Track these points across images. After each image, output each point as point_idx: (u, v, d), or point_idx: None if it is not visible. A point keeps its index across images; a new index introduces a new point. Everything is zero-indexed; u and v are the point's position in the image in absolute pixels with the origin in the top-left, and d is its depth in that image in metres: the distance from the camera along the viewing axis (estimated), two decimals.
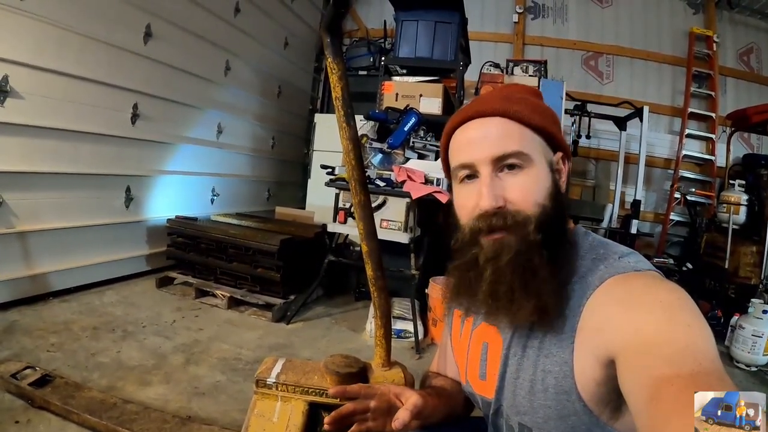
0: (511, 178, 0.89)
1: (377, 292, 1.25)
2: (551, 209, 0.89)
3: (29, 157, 3.26)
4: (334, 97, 1.08)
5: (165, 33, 4.24)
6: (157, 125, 4.32)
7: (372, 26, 7.39)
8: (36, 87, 3.21)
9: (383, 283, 1.26)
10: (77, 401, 2.08)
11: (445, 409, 1.08)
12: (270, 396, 1.18)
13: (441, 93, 3.97)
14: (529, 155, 0.89)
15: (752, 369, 3.66)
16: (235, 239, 3.90)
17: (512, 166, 0.89)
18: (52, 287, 3.48)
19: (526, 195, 0.88)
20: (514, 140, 0.89)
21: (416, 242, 3.56)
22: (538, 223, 0.86)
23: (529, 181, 0.89)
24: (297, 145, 7.28)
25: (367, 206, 1.18)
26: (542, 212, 0.87)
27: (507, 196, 0.88)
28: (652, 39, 6.77)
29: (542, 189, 0.89)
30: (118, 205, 4.06)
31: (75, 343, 2.78)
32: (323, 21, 1.01)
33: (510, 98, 0.93)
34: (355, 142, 1.11)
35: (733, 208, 4.70)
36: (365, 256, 1.22)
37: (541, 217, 0.87)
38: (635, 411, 0.66)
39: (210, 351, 2.95)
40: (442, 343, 1.26)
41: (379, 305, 1.27)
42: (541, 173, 0.90)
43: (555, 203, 0.90)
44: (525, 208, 0.87)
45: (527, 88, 1.05)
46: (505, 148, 0.88)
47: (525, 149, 0.89)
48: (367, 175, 3.37)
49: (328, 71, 1.07)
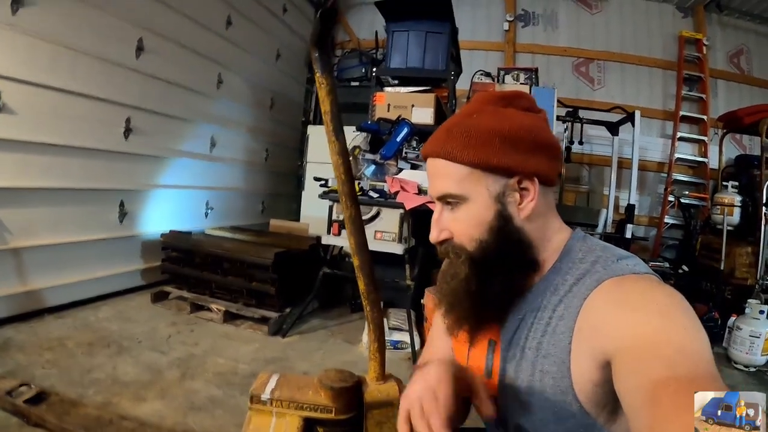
0: (451, 215, 0.96)
1: (370, 306, 1.25)
2: (491, 242, 0.92)
3: (22, 172, 3.26)
4: (323, 111, 1.08)
5: (157, 47, 4.25)
6: (150, 139, 4.31)
7: (363, 37, 7.42)
8: (28, 102, 3.22)
9: (376, 297, 1.25)
10: (73, 418, 2.07)
11: None
12: (265, 412, 1.17)
13: (433, 103, 3.97)
14: (461, 195, 0.92)
15: (751, 370, 3.68)
16: (229, 253, 3.90)
17: (452, 203, 0.95)
18: (46, 303, 3.46)
19: (462, 230, 0.95)
20: (448, 181, 0.93)
21: (411, 253, 3.56)
22: (473, 257, 0.93)
23: (463, 218, 0.94)
24: (290, 157, 7.28)
25: (357, 220, 1.17)
26: (479, 247, 0.93)
27: (451, 228, 0.96)
28: (642, 44, 6.81)
29: (479, 224, 0.93)
30: (111, 220, 4.05)
31: (70, 360, 2.77)
32: (311, 36, 1.01)
33: (450, 133, 0.94)
34: (344, 156, 1.10)
35: (727, 209, 4.70)
36: (357, 270, 1.21)
37: (477, 252, 0.93)
38: (631, 413, 0.67)
39: (206, 365, 2.94)
40: (430, 336, 1.25)
41: (373, 318, 1.26)
42: (479, 209, 0.92)
43: (498, 235, 0.92)
44: (462, 242, 0.95)
45: (494, 97, 1.00)
46: (441, 188, 0.95)
47: (455, 190, 0.92)
48: (360, 186, 3.41)
49: (317, 85, 1.07)
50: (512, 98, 0.98)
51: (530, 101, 0.99)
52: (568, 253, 0.95)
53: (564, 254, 0.95)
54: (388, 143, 3.61)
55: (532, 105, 0.99)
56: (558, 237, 0.98)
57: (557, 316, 0.88)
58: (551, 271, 0.94)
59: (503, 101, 0.97)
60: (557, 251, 0.96)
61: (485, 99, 1.00)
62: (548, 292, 0.92)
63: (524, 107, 0.97)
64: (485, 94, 1.04)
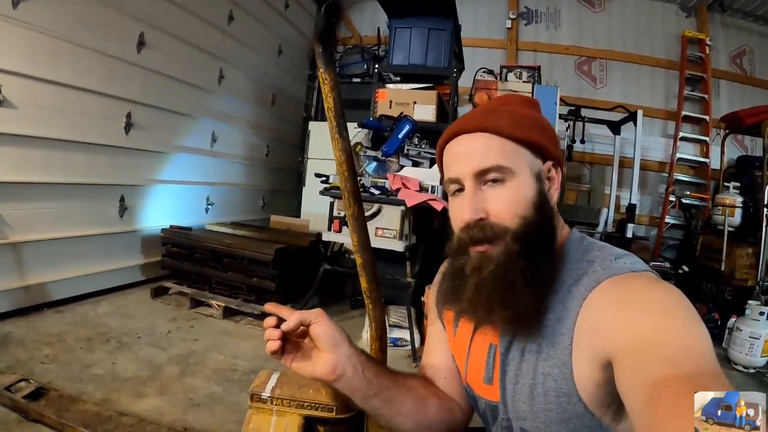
0: (492, 192, 0.91)
1: (372, 305, 1.24)
2: (534, 219, 0.90)
3: (22, 167, 3.25)
4: (326, 107, 1.07)
5: (158, 42, 4.23)
6: (151, 134, 4.30)
7: (365, 33, 7.40)
8: (29, 96, 3.20)
9: (378, 296, 1.25)
10: (72, 414, 2.06)
11: (404, 399, 1.02)
12: (265, 410, 1.16)
13: (435, 100, 3.96)
14: (509, 168, 0.90)
15: (750, 371, 3.67)
16: (230, 249, 3.90)
17: (494, 180, 0.91)
18: (46, 298, 3.46)
19: (505, 207, 0.90)
20: (494, 154, 0.91)
21: (411, 250, 3.55)
22: (517, 234, 0.88)
23: (509, 194, 0.90)
24: (291, 153, 7.27)
25: (360, 218, 1.16)
26: (522, 223, 0.89)
27: (488, 208, 0.91)
28: (644, 43, 6.80)
29: (524, 200, 0.90)
30: (112, 215, 4.04)
31: (69, 355, 2.76)
32: (314, 31, 0.99)
33: (494, 112, 0.94)
34: (347, 153, 1.09)
35: (728, 210, 4.70)
36: (359, 268, 1.21)
37: (521, 229, 0.89)
38: (633, 413, 0.66)
39: (205, 362, 2.93)
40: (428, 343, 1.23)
41: (375, 318, 1.25)
42: (524, 185, 0.91)
43: (540, 213, 0.91)
44: (504, 221, 0.89)
45: (518, 98, 1.05)
46: (485, 162, 0.90)
47: (505, 162, 0.90)
48: (361, 183, 3.39)
49: (320, 81, 1.06)
50: (534, 104, 1.04)
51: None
52: (566, 253, 0.95)
53: (562, 255, 0.95)
54: (389, 140, 3.60)
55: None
56: (561, 234, 0.98)
57: (556, 317, 0.87)
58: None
59: (528, 104, 1.02)
60: (558, 251, 0.96)
61: (510, 99, 1.05)
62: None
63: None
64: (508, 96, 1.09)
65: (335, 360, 0.92)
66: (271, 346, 0.90)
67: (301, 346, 0.96)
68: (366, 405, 0.98)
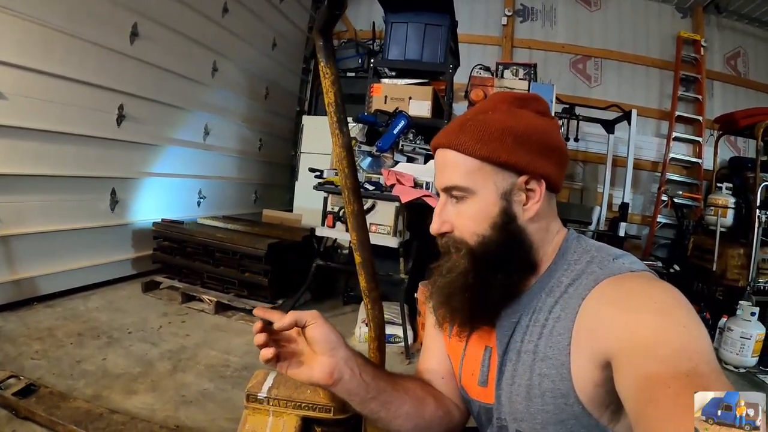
0: (456, 208, 0.94)
1: (371, 304, 1.23)
2: (494, 239, 0.91)
3: (12, 158, 3.19)
4: (326, 102, 1.05)
5: (152, 33, 4.18)
6: (143, 127, 4.26)
7: (361, 28, 7.35)
8: (19, 87, 3.15)
9: (377, 294, 1.23)
10: (63, 412, 2.03)
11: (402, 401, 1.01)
12: (261, 411, 1.15)
13: (430, 95, 3.95)
14: (469, 188, 0.91)
15: (741, 371, 3.70)
16: (222, 243, 3.87)
17: (457, 197, 0.94)
18: (36, 292, 3.42)
19: (463, 224, 0.93)
20: (457, 174, 0.92)
21: (405, 246, 3.54)
22: (472, 251, 0.92)
23: (470, 212, 0.93)
24: (284, 147, 7.24)
25: (360, 215, 1.15)
26: (481, 242, 0.91)
27: (453, 222, 0.95)
28: (640, 43, 6.82)
29: (483, 220, 0.91)
30: (103, 208, 4.00)
31: (59, 350, 2.73)
32: (317, 23, 0.97)
33: (465, 125, 0.93)
34: (348, 149, 1.08)
35: (720, 210, 4.73)
36: (358, 267, 1.19)
37: (478, 247, 0.91)
38: (632, 413, 0.66)
39: (197, 358, 2.91)
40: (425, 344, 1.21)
41: (373, 317, 1.24)
42: (484, 204, 0.91)
43: (501, 232, 0.91)
44: (464, 236, 0.93)
45: (510, 97, 1.00)
46: (450, 180, 0.93)
47: (463, 183, 0.91)
48: None
49: (320, 75, 1.04)
50: (528, 100, 0.99)
51: (545, 106, 1.00)
52: (563, 254, 0.95)
53: (559, 256, 0.95)
54: (384, 135, 3.59)
55: (546, 110, 1.00)
56: (555, 239, 0.98)
57: (554, 317, 0.87)
58: (546, 273, 0.94)
59: (519, 102, 0.98)
60: (553, 253, 0.96)
61: (501, 98, 1.00)
62: (543, 293, 0.92)
63: (538, 111, 0.98)
64: (502, 93, 1.07)
65: (332, 364, 0.90)
66: (265, 354, 0.89)
67: (295, 350, 0.95)
68: (364, 409, 0.96)
